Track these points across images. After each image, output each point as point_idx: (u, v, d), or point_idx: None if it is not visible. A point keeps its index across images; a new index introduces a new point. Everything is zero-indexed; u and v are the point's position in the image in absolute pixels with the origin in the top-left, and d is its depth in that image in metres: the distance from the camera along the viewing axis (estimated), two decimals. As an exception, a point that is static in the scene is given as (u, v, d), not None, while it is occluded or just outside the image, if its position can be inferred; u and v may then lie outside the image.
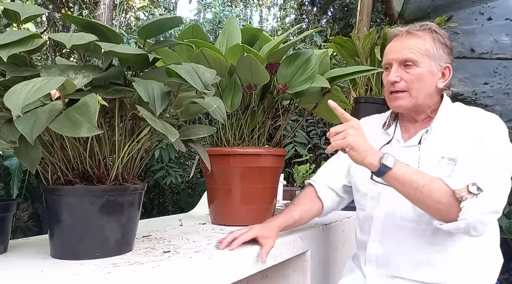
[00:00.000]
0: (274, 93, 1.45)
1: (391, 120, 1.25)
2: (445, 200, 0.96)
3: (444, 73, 1.14)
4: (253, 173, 1.40)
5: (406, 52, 1.12)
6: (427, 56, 1.12)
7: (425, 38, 1.13)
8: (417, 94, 1.12)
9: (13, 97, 0.58)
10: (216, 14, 3.94)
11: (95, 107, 0.65)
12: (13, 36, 0.68)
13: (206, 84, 0.77)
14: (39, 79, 0.61)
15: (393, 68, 1.14)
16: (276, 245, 1.17)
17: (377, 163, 1.00)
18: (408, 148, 1.17)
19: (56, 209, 0.92)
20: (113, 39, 0.83)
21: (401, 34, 1.15)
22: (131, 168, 0.99)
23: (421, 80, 1.12)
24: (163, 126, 0.76)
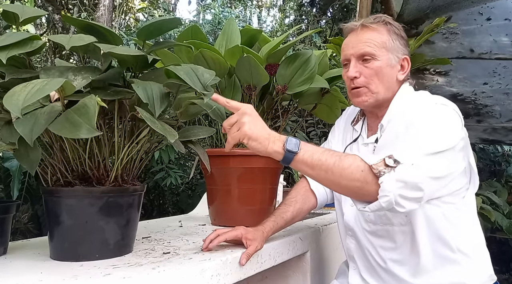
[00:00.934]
0: (273, 94, 1.46)
1: (359, 116, 1.23)
2: (359, 176, 0.88)
3: (403, 65, 1.11)
4: (253, 174, 1.40)
5: (362, 46, 1.08)
6: (384, 48, 1.08)
7: (381, 30, 1.09)
8: (377, 88, 1.09)
9: (12, 99, 0.58)
10: (215, 15, 3.95)
11: (94, 108, 0.65)
12: (12, 38, 0.68)
13: (205, 85, 0.77)
14: (38, 81, 0.61)
15: (352, 64, 1.10)
16: (275, 246, 1.17)
17: (281, 150, 0.90)
18: (367, 146, 1.16)
19: (56, 211, 0.92)
20: (112, 41, 0.83)
21: (356, 28, 1.11)
22: (131, 169, 0.99)
23: (380, 73, 1.08)
24: (162, 127, 0.76)
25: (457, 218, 1.06)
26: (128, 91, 0.83)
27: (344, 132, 1.27)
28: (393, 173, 0.87)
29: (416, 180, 0.87)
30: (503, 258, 3.49)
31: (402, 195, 0.87)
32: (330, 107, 1.52)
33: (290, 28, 6.89)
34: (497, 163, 5.16)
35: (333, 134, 1.33)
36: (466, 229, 1.08)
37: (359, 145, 1.19)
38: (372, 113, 1.17)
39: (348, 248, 1.22)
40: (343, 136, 1.27)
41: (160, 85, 0.81)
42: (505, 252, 3.61)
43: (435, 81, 3.80)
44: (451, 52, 4.00)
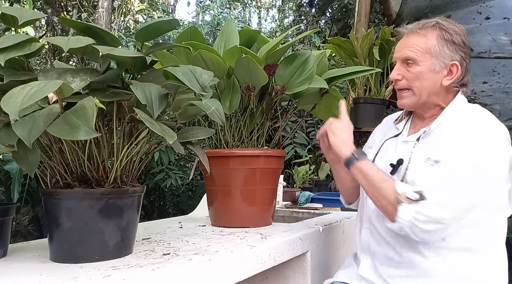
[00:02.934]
0: (272, 94, 1.46)
1: (404, 115, 1.26)
2: (392, 199, 1.04)
3: (451, 70, 1.11)
4: (252, 175, 1.40)
5: (406, 50, 1.13)
6: (428, 54, 1.10)
7: (428, 36, 1.11)
8: (419, 91, 1.13)
9: (10, 101, 0.58)
10: (214, 16, 3.95)
11: (93, 110, 0.65)
12: (10, 40, 0.68)
13: (203, 86, 0.77)
14: (36, 83, 0.61)
15: (396, 66, 1.16)
16: (276, 246, 1.17)
17: (349, 153, 1.12)
18: (407, 144, 1.17)
19: (55, 213, 0.92)
20: (111, 42, 0.83)
21: (405, 33, 1.16)
22: (130, 171, 0.99)
23: (422, 78, 1.12)
24: (161, 128, 0.76)
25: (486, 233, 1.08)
26: (126, 93, 0.83)
27: (385, 130, 1.29)
28: (411, 206, 1.00)
29: (437, 217, 0.99)
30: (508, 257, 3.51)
31: (419, 228, 1.00)
32: (329, 107, 1.52)
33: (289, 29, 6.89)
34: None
35: (372, 139, 1.34)
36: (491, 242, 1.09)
37: (398, 142, 1.20)
38: (417, 114, 1.21)
39: (363, 240, 1.22)
40: (383, 134, 1.28)
41: (158, 86, 0.81)
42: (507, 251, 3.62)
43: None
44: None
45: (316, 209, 1.99)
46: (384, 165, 1.17)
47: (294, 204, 2.32)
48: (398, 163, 1.14)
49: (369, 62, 2.89)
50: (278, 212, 1.98)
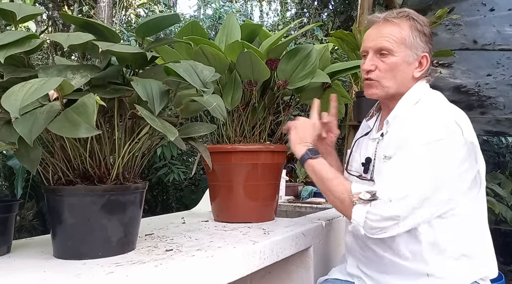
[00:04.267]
0: (274, 89, 1.45)
1: (375, 111, 1.25)
2: (340, 196, 1.05)
3: (421, 62, 1.10)
4: (255, 170, 1.39)
5: (381, 40, 1.09)
6: (403, 44, 1.08)
7: (402, 25, 1.08)
8: (388, 83, 1.10)
9: (11, 98, 0.58)
10: (216, 10, 3.93)
11: (93, 107, 0.65)
12: (10, 37, 0.67)
13: (204, 82, 0.77)
14: (36, 80, 0.61)
15: (369, 56, 1.12)
16: (278, 242, 1.17)
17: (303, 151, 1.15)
18: (374, 141, 1.16)
19: (58, 210, 0.92)
20: (111, 38, 0.82)
21: (378, 21, 1.12)
22: (132, 167, 0.99)
23: (395, 69, 1.09)
24: (162, 125, 0.76)
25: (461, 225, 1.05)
26: (127, 89, 0.83)
27: (360, 129, 1.29)
28: (364, 207, 0.99)
29: (392, 214, 0.96)
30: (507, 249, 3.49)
31: (370, 225, 0.98)
32: (332, 101, 1.51)
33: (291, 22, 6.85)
34: (501, 155, 5.14)
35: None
36: (471, 234, 1.06)
37: (369, 140, 1.19)
38: (385, 106, 1.19)
39: (347, 241, 1.23)
40: (361, 131, 1.28)
41: (159, 82, 0.80)
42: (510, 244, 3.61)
43: (438, 73, 3.78)
44: (454, 44, 3.97)
45: (319, 204, 1.99)
46: (357, 164, 1.18)
47: (296, 198, 2.32)
48: (366, 162, 1.14)
49: (372, 55, 2.87)
50: (280, 207, 1.98)
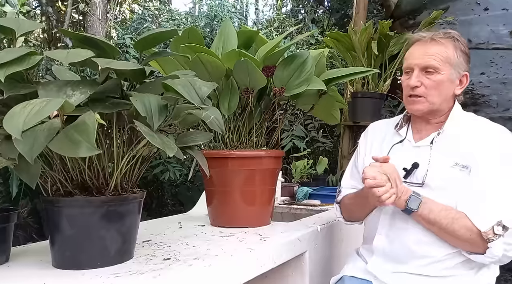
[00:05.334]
0: (271, 94, 1.46)
1: (403, 122, 1.30)
2: (468, 238, 1.07)
3: (461, 80, 1.19)
4: (251, 176, 1.41)
5: (428, 58, 1.15)
6: (448, 63, 1.15)
7: (448, 45, 1.16)
8: (433, 100, 1.17)
9: (13, 120, 0.58)
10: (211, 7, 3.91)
11: (94, 126, 0.66)
12: (10, 55, 0.68)
13: (203, 98, 0.78)
14: (37, 101, 0.62)
15: (415, 73, 1.17)
16: (275, 248, 1.19)
17: (403, 207, 1.12)
18: (419, 148, 1.21)
19: (57, 220, 0.93)
20: (110, 53, 0.83)
21: (424, 40, 1.18)
22: (130, 177, 1.00)
23: (441, 86, 1.16)
24: (161, 141, 0.77)
25: None
26: (126, 103, 0.84)
27: (385, 137, 1.31)
28: (501, 239, 1.04)
29: None
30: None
31: (507, 255, 1.05)
32: (327, 107, 1.53)
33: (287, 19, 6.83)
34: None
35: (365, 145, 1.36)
36: None
37: (404, 147, 1.24)
38: (423, 119, 1.24)
39: (377, 245, 1.23)
40: (387, 141, 1.30)
41: (158, 97, 0.81)
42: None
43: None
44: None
45: (314, 206, 2.01)
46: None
47: (292, 199, 2.34)
48: (413, 167, 1.17)
49: (367, 56, 2.89)
50: (276, 209, 2.00)
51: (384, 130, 1.34)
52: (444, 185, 1.13)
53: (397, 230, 1.19)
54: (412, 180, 1.17)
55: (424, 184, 1.15)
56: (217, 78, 1.37)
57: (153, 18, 4.63)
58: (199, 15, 4.20)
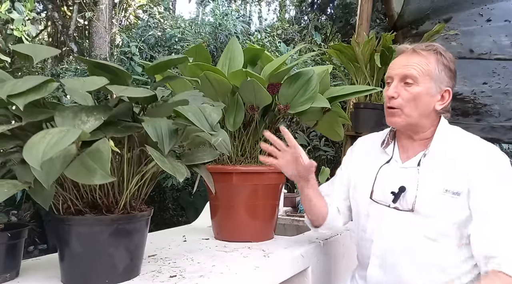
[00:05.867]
0: (275, 110, 1.48)
1: (389, 139, 1.26)
2: None
3: (443, 96, 1.15)
4: (255, 191, 1.43)
5: (408, 68, 1.13)
6: (429, 76, 1.12)
7: (429, 58, 1.13)
8: (410, 112, 1.14)
9: (32, 151, 0.61)
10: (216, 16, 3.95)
11: (108, 154, 0.68)
12: (29, 83, 0.71)
13: (213, 125, 0.80)
14: (55, 131, 0.64)
15: (393, 83, 1.16)
16: (278, 265, 1.21)
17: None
18: (406, 170, 1.18)
19: (67, 238, 0.95)
20: (122, 77, 0.86)
21: (407, 51, 1.16)
22: (139, 195, 1.02)
23: (418, 99, 1.13)
24: (171, 165, 0.79)
25: None
26: (137, 126, 0.86)
27: (372, 155, 1.29)
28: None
29: None
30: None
31: None
32: (331, 124, 1.55)
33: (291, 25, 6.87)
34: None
35: (351, 162, 1.37)
36: None
37: (392, 168, 1.21)
38: (406, 135, 1.21)
39: (371, 275, 1.21)
40: (373, 159, 1.27)
41: (169, 121, 0.84)
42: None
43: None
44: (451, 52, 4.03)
45: (316, 218, 2.02)
46: (383, 193, 1.19)
47: (294, 210, 2.36)
48: (400, 191, 1.15)
49: (370, 68, 2.91)
50: (279, 220, 2.01)
51: (371, 146, 1.31)
52: (435, 213, 1.10)
53: (391, 264, 1.16)
54: (403, 205, 1.15)
55: (414, 210, 1.12)
56: (223, 94, 1.40)
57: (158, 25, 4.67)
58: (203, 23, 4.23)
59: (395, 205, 1.16)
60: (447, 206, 1.09)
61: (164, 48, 4.08)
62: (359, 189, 1.29)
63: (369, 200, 1.22)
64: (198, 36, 4.13)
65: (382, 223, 1.19)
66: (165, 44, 4.09)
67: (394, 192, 1.15)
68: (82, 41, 5.75)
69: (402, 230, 1.15)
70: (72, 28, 5.28)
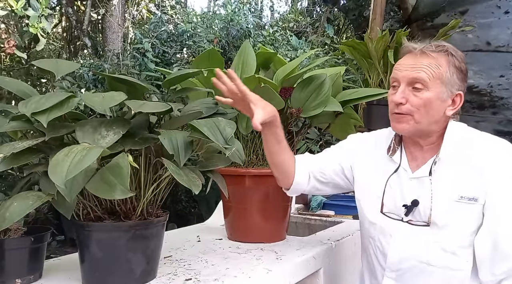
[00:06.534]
0: (287, 112, 1.50)
1: (395, 144, 1.17)
2: None
3: (454, 100, 1.06)
4: (267, 193, 1.45)
5: (417, 70, 1.03)
6: (439, 79, 1.03)
7: (440, 60, 1.04)
8: (421, 119, 1.05)
9: (56, 170, 0.64)
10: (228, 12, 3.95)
11: (127, 169, 0.71)
12: (51, 100, 0.74)
13: (227, 139, 0.83)
14: (78, 149, 0.67)
15: (400, 88, 1.05)
16: (290, 268, 1.23)
17: None
18: (418, 180, 1.10)
19: (87, 243, 0.99)
20: (140, 89, 0.88)
21: (415, 52, 1.06)
22: (155, 202, 1.06)
23: (428, 106, 1.04)
24: (187, 178, 0.82)
25: None
26: (154, 137, 0.89)
27: (379, 160, 1.20)
28: None
29: None
30: None
31: None
32: (343, 126, 1.56)
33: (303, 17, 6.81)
34: None
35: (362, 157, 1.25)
36: None
37: (401, 179, 1.13)
38: (413, 141, 1.13)
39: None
40: (379, 165, 1.19)
41: (184, 134, 0.86)
42: None
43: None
44: (467, 45, 3.97)
45: (328, 217, 2.05)
46: (395, 205, 1.12)
47: (306, 206, 2.38)
48: (412, 204, 1.08)
49: (383, 64, 2.89)
50: (291, 218, 2.03)
51: (373, 152, 1.22)
52: (452, 222, 1.04)
53: (408, 279, 1.11)
54: (417, 219, 1.08)
55: (431, 223, 1.05)
56: (236, 98, 1.42)
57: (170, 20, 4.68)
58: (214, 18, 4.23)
59: (408, 219, 1.09)
60: (463, 215, 1.03)
61: (177, 43, 4.10)
62: (367, 199, 1.21)
63: (379, 213, 1.15)
64: (209, 31, 4.14)
65: (396, 238, 1.12)
66: (177, 39, 4.10)
67: (407, 205, 1.09)
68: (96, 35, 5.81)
69: (418, 244, 1.09)
70: (86, 23, 5.33)
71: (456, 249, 1.05)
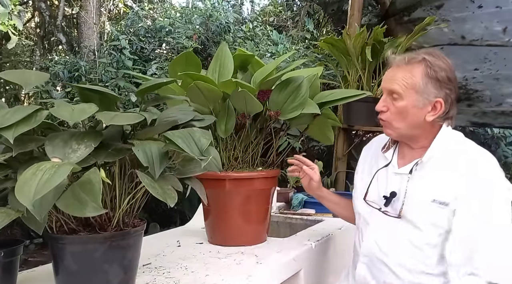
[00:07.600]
0: (266, 115, 1.49)
1: (391, 143, 1.28)
2: None
3: (435, 106, 1.13)
4: (247, 196, 1.45)
5: (392, 83, 1.15)
6: (413, 89, 1.12)
7: (414, 71, 1.13)
8: (398, 125, 1.16)
9: (24, 190, 0.62)
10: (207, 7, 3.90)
11: (99, 185, 0.69)
12: (17, 115, 0.71)
13: (202, 150, 0.81)
14: (47, 167, 0.65)
15: (383, 97, 1.19)
16: (271, 271, 1.24)
17: None
18: (400, 175, 1.20)
19: (61, 256, 0.97)
20: (112, 98, 0.86)
21: (394, 64, 1.18)
22: (131, 212, 1.04)
23: (404, 113, 1.14)
24: (162, 190, 0.80)
25: None
26: (128, 148, 0.87)
27: (374, 157, 1.33)
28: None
29: None
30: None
31: None
32: (321, 128, 1.57)
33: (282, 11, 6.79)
34: (487, 145, 5.34)
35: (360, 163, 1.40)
36: None
37: (388, 173, 1.24)
38: (404, 143, 1.24)
39: (358, 274, 1.25)
40: (374, 162, 1.31)
41: (159, 144, 0.84)
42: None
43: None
44: (443, 39, 4.04)
45: (309, 215, 2.06)
46: (378, 196, 1.22)
47: (287, 205, 2.39)
48: (391, 196, 1.18)
49: (362, 60, 2.92)
50: (272, 217, 2.04)
51: (374, 151, 1.35)
52: (421, 221, 1.12)
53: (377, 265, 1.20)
54: (390, 210, 1.18)
55: (401, 217, 1.14)
56: (214, 101, 1.41)
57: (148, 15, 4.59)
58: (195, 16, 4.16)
59: (385, 209, 1.19)
60: (434, 216, 1.10)
61: (155, 39, 4.02)
62: (357, 188, 1.35)
63: (363, 201, 1.27)
64: (188, 27, 4.08)
65: (371, 225, 1.23)
66: (156, 35, 4.03)
67: (386, 196, 1.19)
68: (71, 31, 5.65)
69: (389, 234, 1.19)
70: (60, 18, 5.17)
71: (423, 246, 1.13)
